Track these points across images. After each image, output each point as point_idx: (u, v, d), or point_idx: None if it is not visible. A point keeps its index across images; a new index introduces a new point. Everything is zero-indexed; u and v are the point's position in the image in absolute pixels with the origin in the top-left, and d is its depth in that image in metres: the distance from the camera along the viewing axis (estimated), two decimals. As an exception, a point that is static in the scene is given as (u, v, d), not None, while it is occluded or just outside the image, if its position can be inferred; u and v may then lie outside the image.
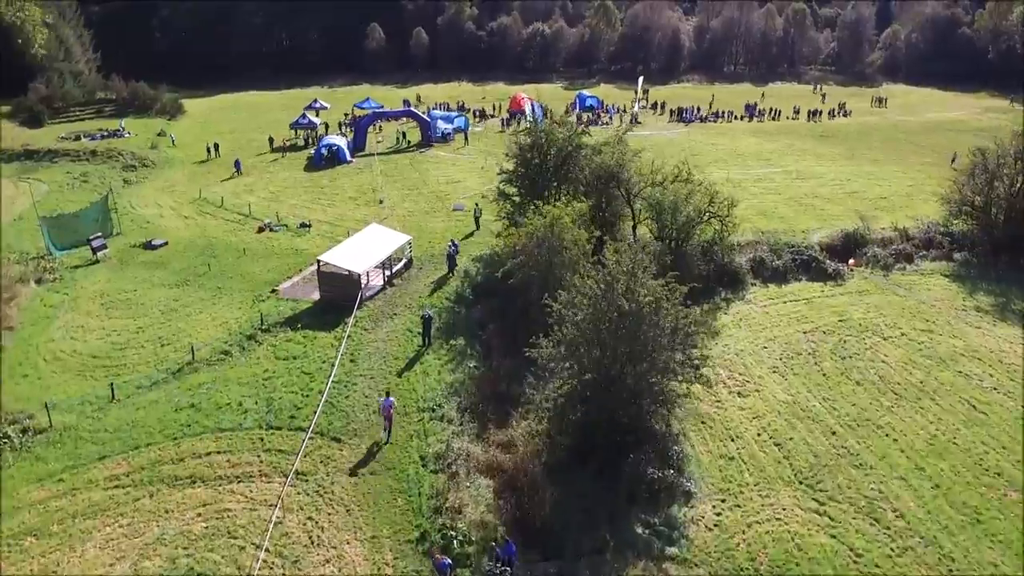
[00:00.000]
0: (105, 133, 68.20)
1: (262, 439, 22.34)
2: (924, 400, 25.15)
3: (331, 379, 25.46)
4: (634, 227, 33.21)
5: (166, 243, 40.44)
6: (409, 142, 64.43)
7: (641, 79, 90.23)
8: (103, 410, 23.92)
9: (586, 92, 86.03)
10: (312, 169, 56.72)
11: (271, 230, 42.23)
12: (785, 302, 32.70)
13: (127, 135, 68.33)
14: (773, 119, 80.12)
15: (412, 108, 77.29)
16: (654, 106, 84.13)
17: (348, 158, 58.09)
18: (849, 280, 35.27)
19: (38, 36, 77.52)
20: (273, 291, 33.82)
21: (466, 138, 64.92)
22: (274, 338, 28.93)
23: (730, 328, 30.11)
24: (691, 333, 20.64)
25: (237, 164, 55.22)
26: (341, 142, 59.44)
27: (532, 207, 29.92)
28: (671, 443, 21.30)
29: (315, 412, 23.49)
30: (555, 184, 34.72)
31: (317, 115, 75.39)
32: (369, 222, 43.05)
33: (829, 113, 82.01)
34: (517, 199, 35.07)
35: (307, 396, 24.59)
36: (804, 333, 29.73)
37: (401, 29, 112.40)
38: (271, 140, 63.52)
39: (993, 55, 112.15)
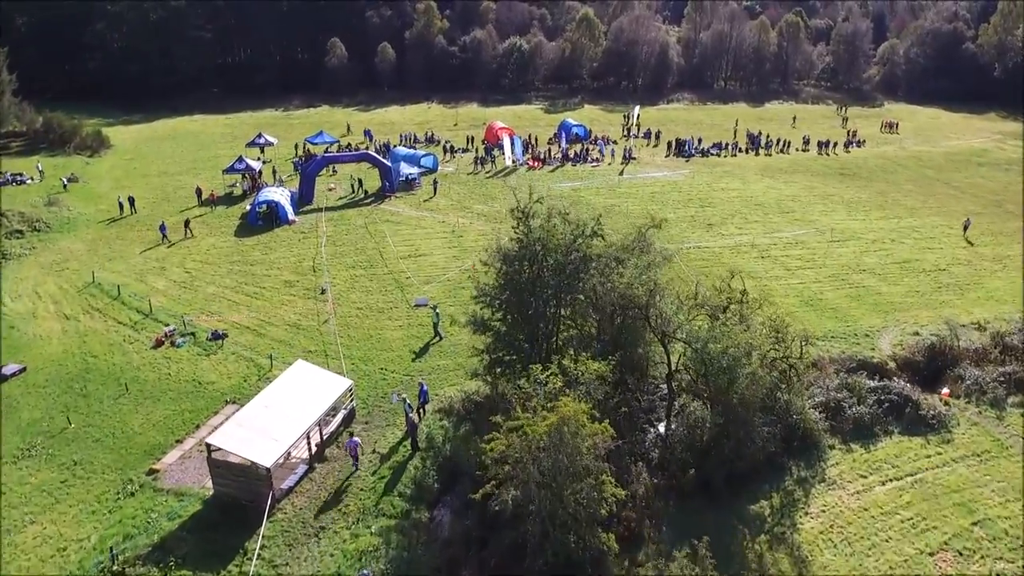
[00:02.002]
0: (3, 179, 56.69)
1: None
2: None
3: None
4: (669, 376, 23.31)
5: (23, 369, 29.78)
6: (366, 191, 53.95)
7: (638, 108, 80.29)
8: None
9: (571, 119, 76.22)
10: (245, 232, 46.08)
11: (172, 344, 31.67)
12: (883, 482, 23.02)
13: (30, 181, 56.93)
14: (781, 151, 71.12)
15: (371, 144, 67.03)
16: (647, 134, 74.51)
17: (289, 217, 47.49)
18: (955, 428, 25.80)
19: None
20: (152, 471, 23.43)
21: (435, 186, 54.35)
22: (129, 589, 18.67)
23: (819, 546, 20.34)
24: None
25: (162, 228, 44.38)
26: (282, 197, 48.65)
27: (524, 372, 19.94)
28: None
29: None
30: (554, 306, 24.79)
31: (262, 152, 64.61)
32: (302, 329, 32.99)
33: (844, 145, 73.19)
34: (500, 325, 25.06)
35: None
36: (931, 555, 20.11)
37: (365, 45, 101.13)
38: (199, 192, 52.48)
39: (999, 72, 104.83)
